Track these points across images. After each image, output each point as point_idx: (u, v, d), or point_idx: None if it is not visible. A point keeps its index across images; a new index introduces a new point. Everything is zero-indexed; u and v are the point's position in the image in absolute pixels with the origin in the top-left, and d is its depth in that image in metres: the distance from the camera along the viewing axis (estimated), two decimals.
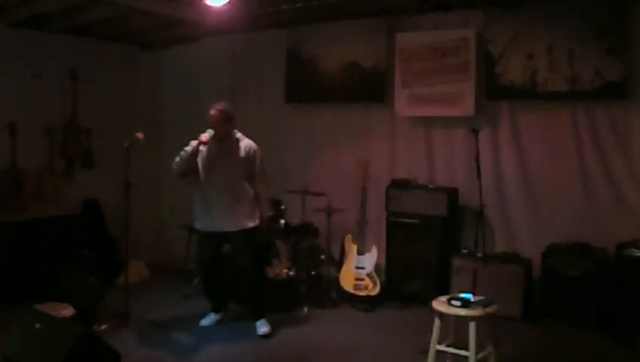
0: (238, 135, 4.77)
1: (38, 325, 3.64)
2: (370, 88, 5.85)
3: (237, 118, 4.78)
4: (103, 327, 4.69)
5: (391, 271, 5.55)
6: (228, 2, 4.78)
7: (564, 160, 5.08)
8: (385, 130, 5.93)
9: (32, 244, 5.77)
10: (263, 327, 4.71)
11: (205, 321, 4.93)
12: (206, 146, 4.60)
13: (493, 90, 5.28)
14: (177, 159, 4.65)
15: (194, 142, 4.58)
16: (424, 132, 5.75)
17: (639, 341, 4.29)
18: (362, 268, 5.36)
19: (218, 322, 4.95)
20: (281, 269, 5.39)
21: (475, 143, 4.28)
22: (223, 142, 4.68)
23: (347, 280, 5.42)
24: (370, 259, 5.37)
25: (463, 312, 3.55)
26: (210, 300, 5.03)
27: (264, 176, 4.81)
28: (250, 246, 4.74)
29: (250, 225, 4.69)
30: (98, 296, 5.04)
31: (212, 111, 4.61)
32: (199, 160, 4.68)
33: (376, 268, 5.40)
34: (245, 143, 4.75)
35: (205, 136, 4.52)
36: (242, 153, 4.69)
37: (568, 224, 5.00)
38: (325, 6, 5.37)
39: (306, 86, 6.19)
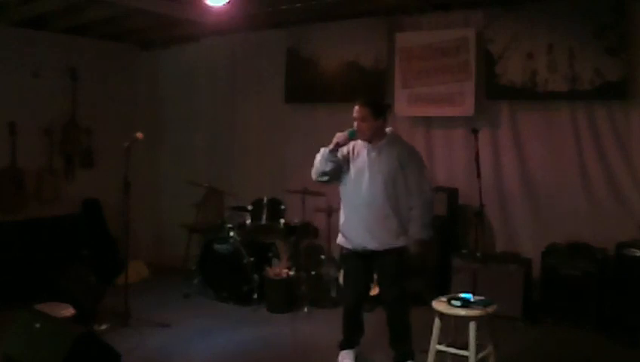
0: (392, 135, 3.96)
1: (38, 325, 3.64)
2: (370, 88, 5.84)
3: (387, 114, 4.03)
4: (103, 327, 4.69)
5: None
6: (228, 2, 4.78)
7: (564, 160, 5.08)
8: None
9: (32, 244, 5.77)
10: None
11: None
12: (346, 147, 3.92)
13: (493, 90, 5.27)
14: (315, 162, 3.94)
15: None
16: (424, 132, 5.75)
17: (639, 341, 4.30)
18: None
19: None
20: (281, 269, 5.39)
21: (475, 143, 4.27)
22: (373, 144, 3.87)
23: None
24: None
25: (463, 312, 3.55)
26: (350, 334, 4.18)
27: (421, 187, 3.85)
28: (396, 272, 3.91)
29: (398, 244, 3.84)
30: (98, 296, 5.03)
31: (355, 106, 3.87)
32: (349, 164, 3.94)
33: None
34: (399, 145, 3.91)
35: (341, 135, 3.84)
36: (394, 158, 3.84)
37: (568, 224, 5.00)
38: (325, 6, 5.37)
39: (305, 86, 6.19)
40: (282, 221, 5.65)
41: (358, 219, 3.88)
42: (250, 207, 5.68)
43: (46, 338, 3.55)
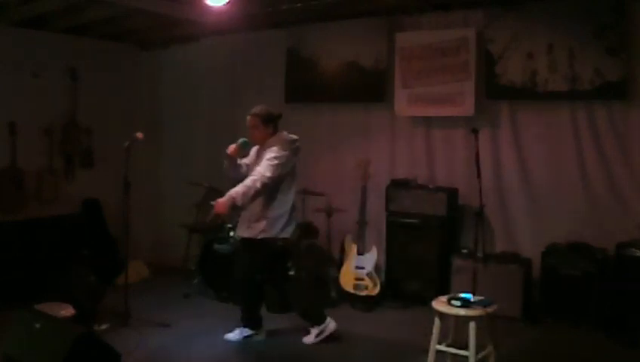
0: (275, 138, 4.37)
1: (38, 325, 3.64)
2: (370, 88, 5.85)
3: (277, 121, 4.44)
4: (103, 327, 4.68)
5: (391, 271, 5.55)
6: (228, 2, 4.78)
7: (564, 160, 5.08)
8: (385, 130, 5.93)
9: (32, 244, 5.77)
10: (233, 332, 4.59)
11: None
12: (252, 152, 4.50)
13: (493, 90, 5.27)
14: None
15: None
16: (424, 132, 5.74)
17: (639, 341, 4.29)
18: (362, 268, 5.36)
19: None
20: None
21: (475, 143, 4.27)
22: (261, 148, 4.42)
23: (347, 280, 5.42)
24: (370, 259, 5.37)
25: (463, 312, 3.55)
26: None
27: (259, 170, 4.17)
28: (245, 256, 4.51)
29: (245, 235, 4.39)
30: (98, 296, 5.03)
31: (247, 117, 4.41)
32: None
33: (376, 268, 5.40)
34: (269, 146, 4.32)
35: (231, 147, 4.37)
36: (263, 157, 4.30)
37: (568, 224, 4.99)
38: (325, 6, 5.37)
39: (305, 86, 6.19)
40: None
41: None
42: None
43: (46, 338, 3.55)
